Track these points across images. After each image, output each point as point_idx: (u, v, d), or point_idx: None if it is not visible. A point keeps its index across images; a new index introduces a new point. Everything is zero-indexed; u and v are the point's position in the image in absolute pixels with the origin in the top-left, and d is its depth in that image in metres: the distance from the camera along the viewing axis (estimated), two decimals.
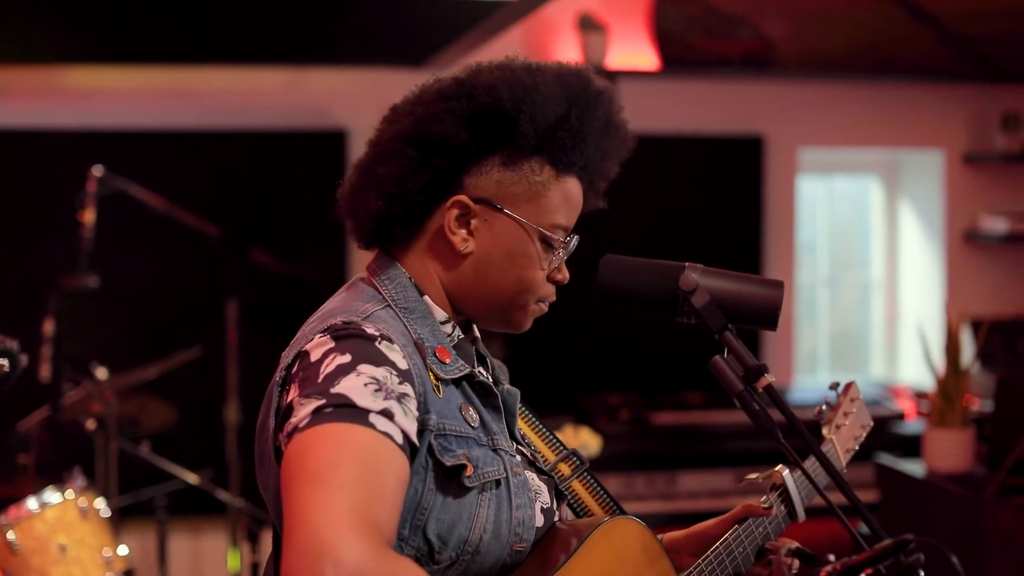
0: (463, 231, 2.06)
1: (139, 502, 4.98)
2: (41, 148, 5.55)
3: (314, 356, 1.91)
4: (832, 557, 1.88)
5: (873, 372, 6.69)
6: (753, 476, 2.39)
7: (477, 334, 2.21)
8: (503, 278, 2.08)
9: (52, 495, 4.20)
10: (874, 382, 6.46)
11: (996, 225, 6.39)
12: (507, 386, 2.21)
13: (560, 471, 2.29)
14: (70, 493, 4.24)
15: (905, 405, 5.99)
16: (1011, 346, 6.17)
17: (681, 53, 5.99)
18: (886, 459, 4.76)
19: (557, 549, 2.08)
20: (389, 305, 2.05)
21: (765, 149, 6.28)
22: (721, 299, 2.04)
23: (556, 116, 2.05)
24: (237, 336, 5.14)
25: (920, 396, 5.95)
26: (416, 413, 1.90)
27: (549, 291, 2.13)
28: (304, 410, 1.83)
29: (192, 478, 4.56)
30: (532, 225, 2.06)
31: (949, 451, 4.53)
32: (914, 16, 6.10)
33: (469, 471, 1.97)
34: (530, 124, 2.03)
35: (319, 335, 1.94)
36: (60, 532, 4.18)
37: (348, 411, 1.81)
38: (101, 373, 4.60)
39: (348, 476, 1.76)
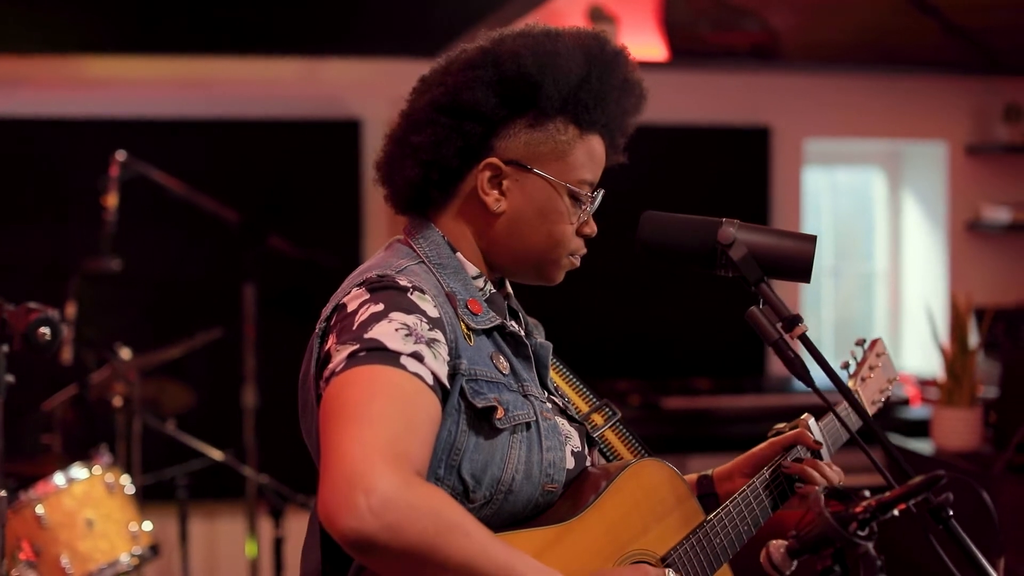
0: (495, 192, 2.18)
1: (159, 483, 5.05)
2: (62, 136, 5.63)
3: (351, 307, 2.04)
4: (867, 493, 1.97)
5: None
6: (781, 426, 2.49)
7: (510, 290, 2.32)
8: (535, 234, 2.19)
9: (79, 471, 4.28)
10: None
11: (998, 215, 6.48)
12: (540, 340, 2.32)
13: (593, 421, 2.40)
14: (97, 469, 4.32)
15: (909, 392, 6.08)
16: (1014, 334, 6.25)
17: (689, 45, 6.07)
18: (894, 439, 4.85)
19: (587, 489, 2.18)
20: (423, 261, 2.16)
21: (772, 140, 6.36)
22: (757, 252, 2.13)
23: (578, 78, 2.16)
24: (254, 320, 5.22)
25: (924, 383, 6.04)
26: (447, 358, 2.01)
27: (579, 244, 2.24)
28: (340, 355, 1.95)
29: (217, 454, 4.64)
30: (560, 182, 2.18)
31: (957, 430, 4.62)
32: (917, 8, 6.19)
33: (500, 413, 2.08)
34: (554, 87, 2.14)
35: (356, 288, 2.07)
36: (87, 507, 4.26)
37: (380, 354, 1.93)
38: (125, 353, 4.67)
39: (380, 412, 1.88)
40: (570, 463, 2.18)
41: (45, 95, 5.69)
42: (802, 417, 2.46)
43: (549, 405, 2.23)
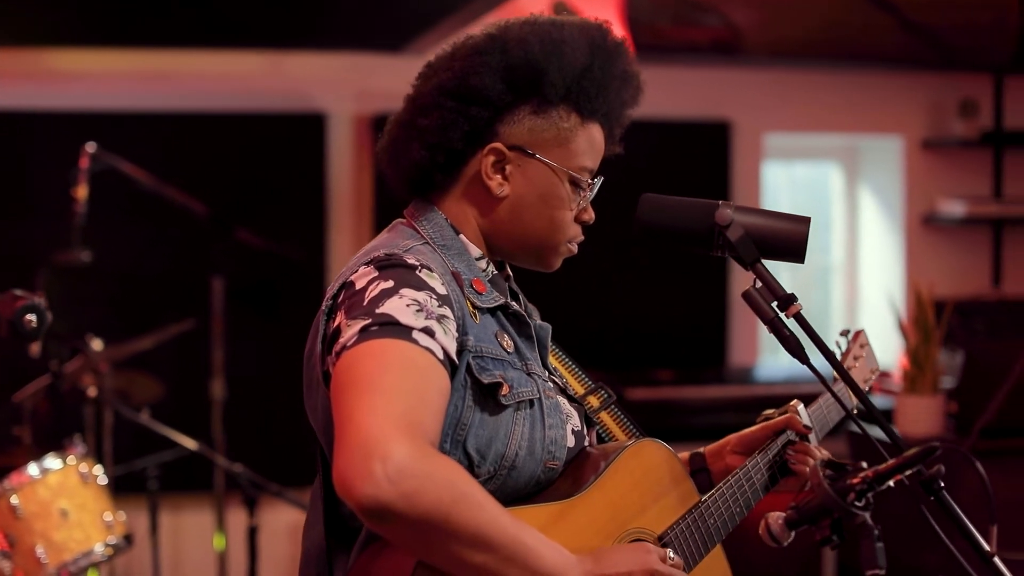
0: (499, 176, 2.23)
1: (129, 475, 5.05)
2: (31, 129, 5.63)
3: (359, 284, 2.07)
4: (864, 464, 2.03)
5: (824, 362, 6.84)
6: (770, 412, 2.55)
7: (510, 272, 2.36)
8: (537, 219, 2.25)
9: (53, 461, 4.28)
10: (825, 373, 6.60)
11: (954, 209, 6.57)
12: (539, 321, 2.38)
13: (589, 403, 2.45)
14: (71, 459, 4.32)
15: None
16: (969, 326, 6.35)
17: (651, 39, 6.13)
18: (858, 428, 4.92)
19: (588, 468, 2.23)
20: (428, 242, 2.20)
21: (732, 134, 6.43)
22: (753, 233, 2.18)
23: (582, 66, 2.22)
24: (222, 313, 5.24)
25: (883, 374, 6.12)
26: (455, 334, 2.06)
27: (577, 231, 2.30)
28: (351, 330, 1.99)
29: (191, 443, 4.66)
30: (562, 168, 2.23)
31: (920, 417, 4.69)
32: (875, 5, 6.29)
33: (505, 390, 2.13)
34: (559, 74, 2.20)
35: (363, 266, 2.11)
36: (62, 497, 4.26)
37: (392, 328, 1.97)
38: (96, 345, 4.68)
39: (394, 384, 1.92)
40: (571, 441, 2.24)
41: (14, 88, 5.68)
42: (791, 403, 2.52)
43: (551, 384, 2.28)
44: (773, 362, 6.84)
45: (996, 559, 2.03)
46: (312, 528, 2.21)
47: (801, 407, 2.52)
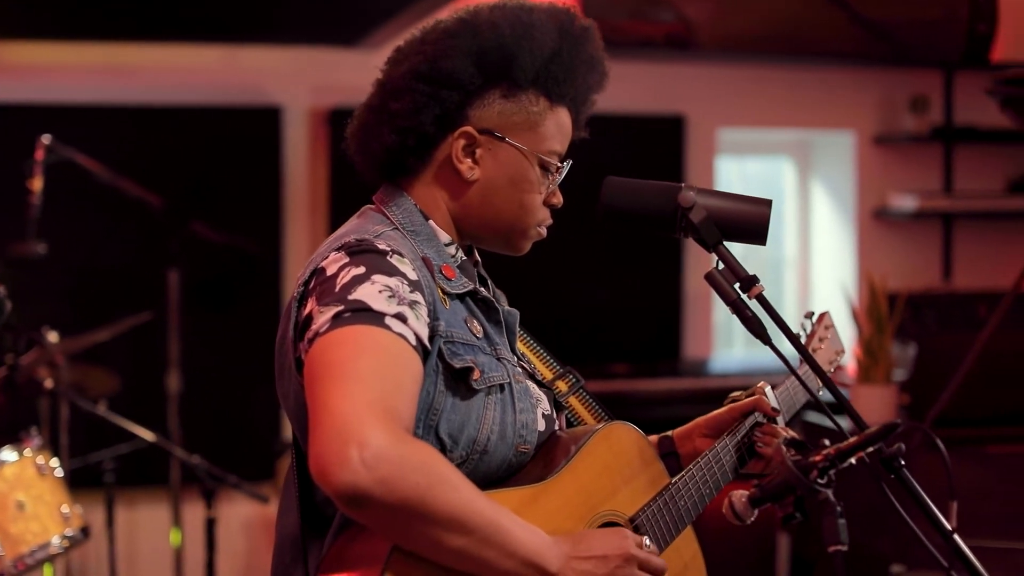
0: (469, 160, 2.24)
1: (84, 468, 5.03)
2: None
3: (330, 271, 2.08)
4: (827, 442, 2.06)
5: (787, 346, 6.88)
6: (737, 394, 2.58)
7: (478, 258, 2.38)
8: (507, 203, 2.26)
9: (9, 453, 4.26)
10: (788, 355, 6.65)
11: (905, 203, 6.63)
12: (507, 308, 2.39)
13: (558, 388, 2.47)
14: (28, 451, 4.31)
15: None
16: (920, 319, 6.40)
17: (606, 34, 6.06)
18: (813, 417, 4.97)
19: (559, 452, 2.26)
20: (397, 228, 2.21)
21: (686, 129, 6.46)
22: (716, 215, 2.21)
23: (551, 51, 2.24)
24: (178, 305, 5.23)
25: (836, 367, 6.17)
26: (427, 319, 2.07)
27: (546, 215, 2.32)
28: (324, 317, 2.00)
29: (148, 435, 4.65)
30: (532, 152, 2.25)
31: (873, 406, 4.74)
32: (827, 0, 6.34)
33: (476, 375, 2.14)
34: (528, 58, 2.21)
35: (334, 252, 2.12)
36: (18, 489, 4.24)
37: (365, 314, 1.98)
38: (53, 337, 4.67)
39: (368, 370, 1.93)
40: (541, 425, 2.26)
41: None
42: (759, 385, 2.55)
43: (520, 369, 2.31)
44: (727, 355, 6.89)
45: (956, 536, 2.06)
46: (286, 515, 2.22)
47: (768, 389, 2.56)
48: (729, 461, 2.48)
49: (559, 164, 2.29)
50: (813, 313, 2.77)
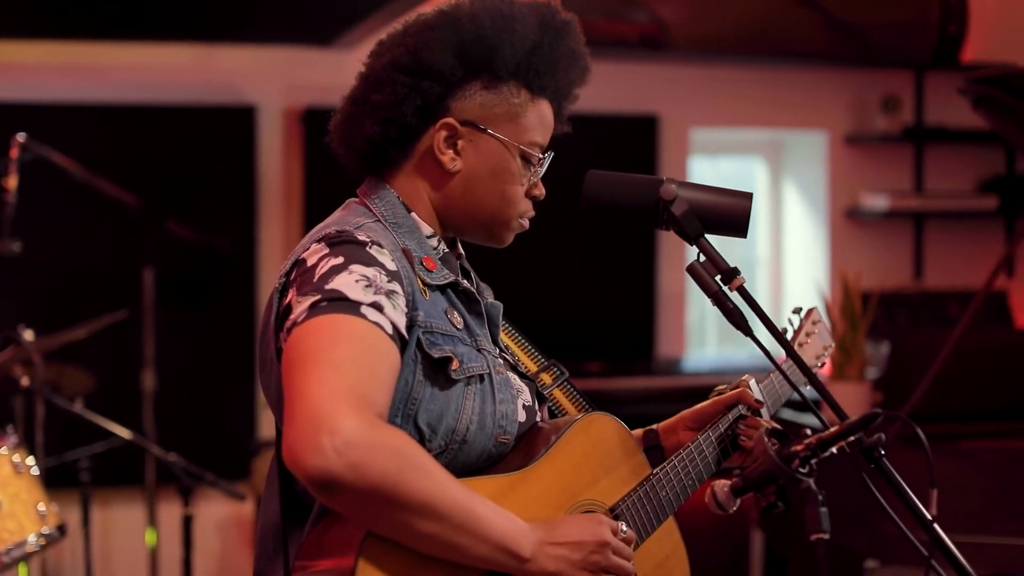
0: (451, 151, 2.26)
1: (59, 467, 5.01)
2: None
3: (310, 261, 2.10)
4: (809, 431, 2.08)
5: (773, 343, 6.91)
6: (722, 387, 2.59)
7: (461, 251, 2.39)
8: (489, 194, 2.28)
9: None
10: (761, 354, 6.68)
11: (876, 203, 6.67)
12: (491, 300, 2.41)
13: (542, 380, 2.48)
14: (4, 449, 4.28)
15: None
16: (892, 317, 6.45)
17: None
18: (788, 414, 4.99)
19: (539, 442, 2.27)
20: (379, 220, 2.23)
21: (659, 129, 6.49)
22: (697, 208, 2.23)
23: (532, 43, 2.26)
24: (153, 304, 5.23)
25: None
26: (405, 309, 2.08)
27: (528, 206, 2.34)
28: (301, 306, 2.02)
29: (125, 433, 4.64)
30: (513, 143, 2.27)
31: (847, 403, 4.72)
32: (800, 1, 6.38)
33: (455, 365, 2.16)
34: (510, 50, 2.24)
35: (315, 244, 2.14)
36: None
37: (341, 304, 2.00)
38: (28, 335, 4.65)
39: (343, 358, 1.95)
40: (521, 416, 2.27)
41: None
42: (743, 378, 2.56)
43: (501, 361, 2.32)
44: (700, 354, 6.92)
45: (936, 525, 2.08)
46: (268, 504, 2.24)
47: (753, 382, 2.58)
48: (712, 453, 2.49)
49: (541, 156, 2.31)
50: (801, 309, 2.78)
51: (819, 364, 2.77)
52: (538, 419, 2.34)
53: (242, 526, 5.86)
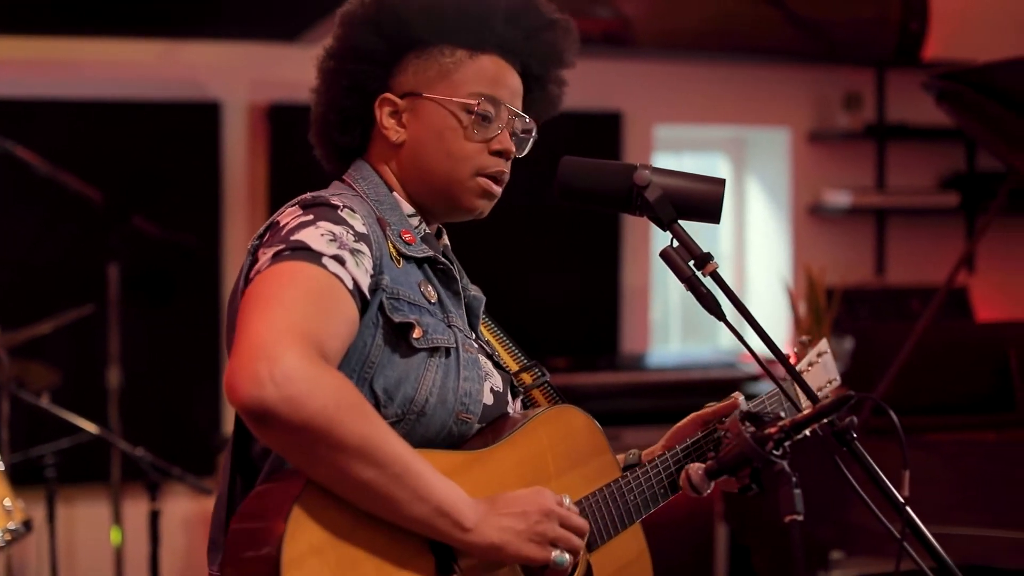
0: (395, 124, 2.30)
1: (21, 464, 4.98)
2: None
3: (283, 222, 2.12)
4: (783, 414, 2.10)
5: (722, 341, 6.96)
6: (710, 404, 2.55)
7: (447, 242, 2.41)
8: (436, 156, 2.29)
9: None
10: (724, 350, 6.73)
11: (839, 199, 6.71)
12: (474, 292, 2.42)
13: (522, 380, 2.47)
14: None
15: (756, 369, 6.26)
16: (854, 313, 6.49)
17: None
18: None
19: (505, 427, 2.25)
20: (360, 195, 2.26)
21: (623, 125, 6.51)
22: (671, 194, 2.24)
23: (452, 4, 2.28)
24: (118, 300, 5.22)
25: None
26: (370, 271, 2.09)
27: (488, 162, 2.32)
28: (265, 256, 2.05)
29: (92, 428, 4.62)
30: (449, 99, 2.27)
31: None
32: None
33: (417, 333, 2.15)
34: (423, 15, 2.27)
35: (290, 207, 2.17)
36: None
37: (303, 252, 2.02)
38: None
39: (294, 299, 1.96)
40: (488, 399, 2.25)
41: None
42: (732, 394, 2.52)
43: (476, 345, 2.31)
44: (663, 349, 6.95)
45: (908, 508, 2.10)
46: (225, 472, 2.23)
47: (742, 398, 2.51)
48: (688, 462, 2.42)
49: (490, 106, 2.29)
50: (809, 338, 2.74)
51: (819, 396, 2.72)
52: (509, 410, 2.33)
53: (208, 522, 5.84)
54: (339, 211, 2.12)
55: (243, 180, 5.94)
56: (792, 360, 2.70)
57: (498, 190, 2.35)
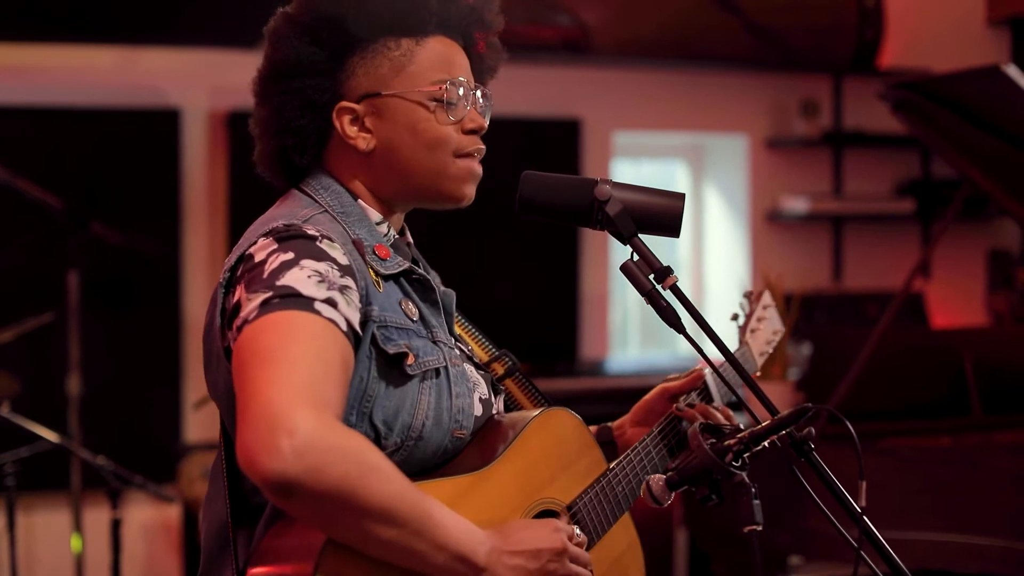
0: (360, 132, 2.23)
1: None
2: None
3: (258, 257, 2.05)
4: (741, 425, 2.13)
5: (681, 348, 7.00)
6: (674, 376, 2.61)
7: (410, 239, 2.37)
8: (414, 151, 2.24)
9: None
10: (682, 356, 6.77)
11: (796, 205, 6.76)
12: (443, 288, 2.38)
13: (494, 370, 2.48)
14: None
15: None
16: (812, 318, 6.54)
17: (502, 37, 6.20)
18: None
19: (497, 438, 2.25)
20: (327, 211, 2.19)
21: (582, 132, 6.54)
22: (631, 208, 2.25)
23: None
24: (78, 307, 5.20)
25: None
26: (359, 304, 2.04)
27: (464, 142, 2.28)
28: (252, 304, 1.97)
29: (53, 436, 4.61)
30: (413, 90, 2.22)
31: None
32: (720, 6, 6.46)
33: (410, 359, 2.12)
34: (358, 14, 2.20)
35: (262, 238, 2.08)
36: None
37: (294, 300, 1.95)
38: None
39: (297, 356, 1.90)
40: (478, 410, 2.25)
41: None
42: (698, 367, 2.57)
43: (457, 352, 2.29)
44: (622, 355, 6.98)
45: (864, 517, 2.13)
46: (214, 503, 2.20)
47: (708, 370, 2.57)
48: (666, 446, 2.51)
49: (455, 89, 2.24)
50: (751, 292, 2.77)
51: (770, 349, 2.78)
52: (494, 411, 2.32)
53: (168, 530, 5.84)
54: (318, 243, 2.06)
55: (203, 187, 5.94)
56: (742, 321, 2.74)
57: (480, 169, 2.31)
